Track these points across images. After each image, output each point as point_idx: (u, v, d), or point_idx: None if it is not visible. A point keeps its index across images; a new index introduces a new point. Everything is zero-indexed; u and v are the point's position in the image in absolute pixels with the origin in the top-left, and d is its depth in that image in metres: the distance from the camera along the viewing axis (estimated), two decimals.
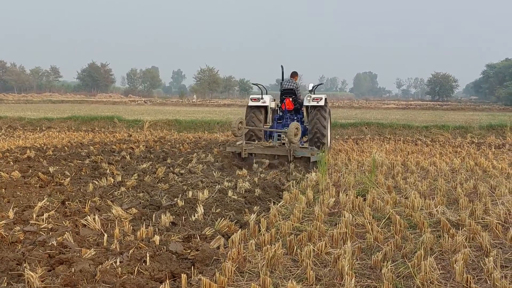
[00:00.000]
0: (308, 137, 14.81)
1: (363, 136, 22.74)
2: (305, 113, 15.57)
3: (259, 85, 16.16)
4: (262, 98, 15.16)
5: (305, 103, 14.86)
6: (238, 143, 13.35)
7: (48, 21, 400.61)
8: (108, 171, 11.42)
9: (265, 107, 15.30)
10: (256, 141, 14.42)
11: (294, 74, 15.88)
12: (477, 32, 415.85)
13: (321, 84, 17.72)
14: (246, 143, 13.34)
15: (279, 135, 14.78)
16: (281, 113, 15.78)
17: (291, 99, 15.41)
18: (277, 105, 15.92)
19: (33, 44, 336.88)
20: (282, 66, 16.33)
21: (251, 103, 15.23)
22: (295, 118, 15.62)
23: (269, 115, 15.57)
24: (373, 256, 5.75)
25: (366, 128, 25.00)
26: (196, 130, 25.25)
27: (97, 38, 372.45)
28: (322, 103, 14.57)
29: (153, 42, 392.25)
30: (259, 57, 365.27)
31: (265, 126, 15.26)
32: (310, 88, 15.75)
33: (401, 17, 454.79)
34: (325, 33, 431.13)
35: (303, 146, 13.80)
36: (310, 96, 14.78)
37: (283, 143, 13.47)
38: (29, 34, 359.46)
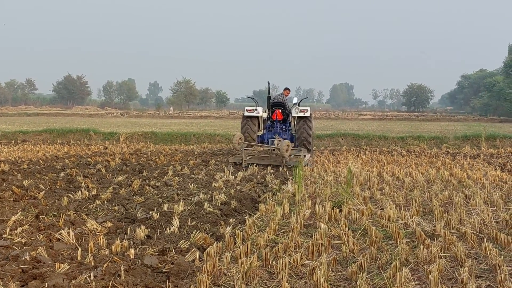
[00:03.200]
0: (295, 143, 17.38)
1: (339, 147, 22.87)
2: (292, 123, 18.07)
3: (254, 98, 18.95)
4: (256, 109, 17.53)
5: (294, 114, 17.45)
6: (239, 146, 15.65)
7: (23, 33, 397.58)
8: (83, 184, 11.32)
9: (258, 117, 17.74)
10: (249, 141, 16.85)
11: (286, 89, 18.28)
12: (452, 43, 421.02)
13: (306, 98, 21.53)
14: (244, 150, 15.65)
15: (272, 140, 17.12)
16: (270, 123, 18.14)
17: (280, 111, 17.80)
18: (268, 115, 18.18)
19: (8, 57, 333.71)
20: (268, 82, 19.52)
21: (246, 114, 17.57)
22: (283, 126, 18.12)
23: (261, 124, 18.00)
24: (348, 267, 5.76)
25: (342, 139, 25.14)
26: (172, 142, 25.18)
27: (72, 50, 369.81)
28: (308, 114, 17.26)
29: (129, 54, 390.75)
30: (236, 69, 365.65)
31: (257, 133, 17.72)
32: (295, 101, 18.09)
33: (376, 28, 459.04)
34: (301, 45, 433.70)
35: (293, 148, 16.50)
36: (298, 108, 17.35)
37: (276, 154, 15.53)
38: (4, 47, 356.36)
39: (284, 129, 18.07)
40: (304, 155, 16.21)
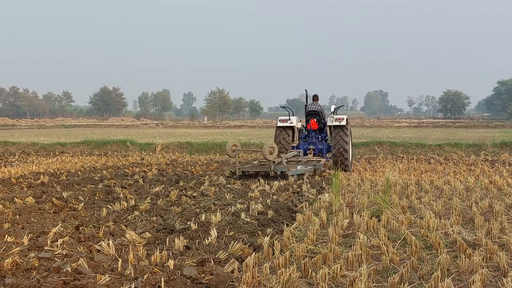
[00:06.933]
0: (331, 153, 16.79)
1: (375, 156, 22.68)
2: (328, 132, 17.46)
3: (287, 108, 18.46)
4: (289, 119, 17.11)
5: (329, 123, 16.74)
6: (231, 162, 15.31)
7: (59, 46, 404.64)
8: (121, 195, 11.44)
9: (292, 127, 17.26)
10: (284, 153, 16.03)
11: (316, 97, 17.87)
12: (488, 49, 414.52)
13: (343, 105, 21.36)
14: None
15: (305, 152, 17.21)
16: (306, 132, 17.93)
17: (315, 120, 17.60)
18: (303, 125, 17.97)
19: (45, 70, 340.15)
20: (306, 90, 18.80)
21: (279, 124, 17.16)
22: (320, 136, 17.87)
23: (296, 134, 17.55)
24: (389, 278, 5.68)
25: (378, 147, 24.91)
26: (207, 152, 25.27)
27: (108, 62, 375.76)
28: (344, 123, 16.38)
29: (164, 66, 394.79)
30: (269, 78, 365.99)
31: (292, 144, 17.23)
32: (332, 110, 17.69)
33: (411, 34, 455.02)
34: (335, 52, 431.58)
35: (315, 158, 16.31)
36: (333, 117, 16.68)
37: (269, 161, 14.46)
38: (42, 60, 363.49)
39: (320, 139, 17.83)
40: (315, 164, 15.42)
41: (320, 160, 16.22)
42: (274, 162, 14.33)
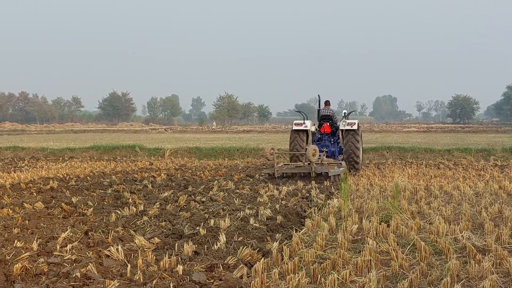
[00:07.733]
0: (343, 157, 17.63)
1: (384, 161, 22.61)
2: (340, 136, 18.53)
3: (301, 112, 19.43)
4: (304, 123, 17.80)
5: (341, 127, 17.73)
6: (271, 157, 15.75)
7: (69, 52, 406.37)
8: (130, 200, 11.46)
9: (307, 131, 17.97)
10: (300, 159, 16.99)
11: (327, 102, 19.03)
12: (497, 53, 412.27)
13: (354, 111, 22.02)
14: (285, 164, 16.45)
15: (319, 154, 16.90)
16: (319, 136, 18.71)
17: (328, 124, 18.46)
18: (316, 129, 18.80)
19: (54, 75, 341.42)
20: (319, 95, 19.84)
21: (295, 127, 17.82)
22: (332, 139, 18.73)
23: (310, 137, 18.32)
24: (398, 284, 5.66)
25: (387, 152, 24.84)
26: (216, 157, 25.27)
27: (117, 67, 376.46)
28: (355, 127, 17.33)
29: (172, 71, 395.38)
30: (278, 83, 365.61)
31: (306, 147, 17.22)
32: (343, 114, 18.53)
33: (420, 39, 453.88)
34: (343, 57, 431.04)
35: (336, 161, 17.02)
36: (345, 121, 17.55)
37: (308, 163, 15.16)
38: (51, 65, 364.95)
39: (332, 142, 18.49)
40: (339, 167, 15.98)
41: (341, 163, 16.71)
42: (310, 163, 14.95)
